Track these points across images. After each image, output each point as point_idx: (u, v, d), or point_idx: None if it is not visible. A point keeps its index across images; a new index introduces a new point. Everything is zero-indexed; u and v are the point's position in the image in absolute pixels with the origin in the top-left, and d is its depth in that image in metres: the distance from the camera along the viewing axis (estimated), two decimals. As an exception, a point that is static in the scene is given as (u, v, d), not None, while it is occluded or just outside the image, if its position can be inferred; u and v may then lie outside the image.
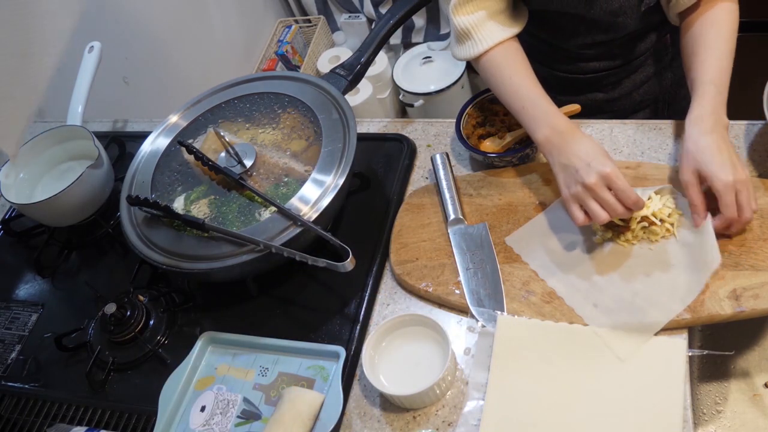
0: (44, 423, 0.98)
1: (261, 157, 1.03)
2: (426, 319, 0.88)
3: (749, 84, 1.05)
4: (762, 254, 0.85)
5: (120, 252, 1.18)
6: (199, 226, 0.94)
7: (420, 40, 2.53)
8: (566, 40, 1.12)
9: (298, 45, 2.54)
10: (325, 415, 0.86)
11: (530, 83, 0.97)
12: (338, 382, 0.87)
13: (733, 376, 0.96)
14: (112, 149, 1.32)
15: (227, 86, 1.15)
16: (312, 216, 0.93)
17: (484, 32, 1.00)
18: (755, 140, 0.99)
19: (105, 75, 1.36)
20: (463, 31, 1.01)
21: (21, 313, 1.13)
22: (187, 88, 1.81)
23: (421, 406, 0.86)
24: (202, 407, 0.92)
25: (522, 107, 0.96)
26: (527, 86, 0.97)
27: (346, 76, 1.10)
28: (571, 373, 0.83)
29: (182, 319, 1.04)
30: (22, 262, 1.22)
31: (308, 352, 0.94)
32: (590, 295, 0.87)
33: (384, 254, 1.01)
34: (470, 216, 1.01)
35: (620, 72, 1.16)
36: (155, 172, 1.06)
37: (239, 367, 0.96)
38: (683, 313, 0.83)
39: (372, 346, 0.88)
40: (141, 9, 1.88)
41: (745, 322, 0.84)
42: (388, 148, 1.16)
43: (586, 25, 1.06)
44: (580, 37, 1.09)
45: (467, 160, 1.11)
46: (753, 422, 0.92)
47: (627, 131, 1.06)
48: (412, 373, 0.86)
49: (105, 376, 0.99)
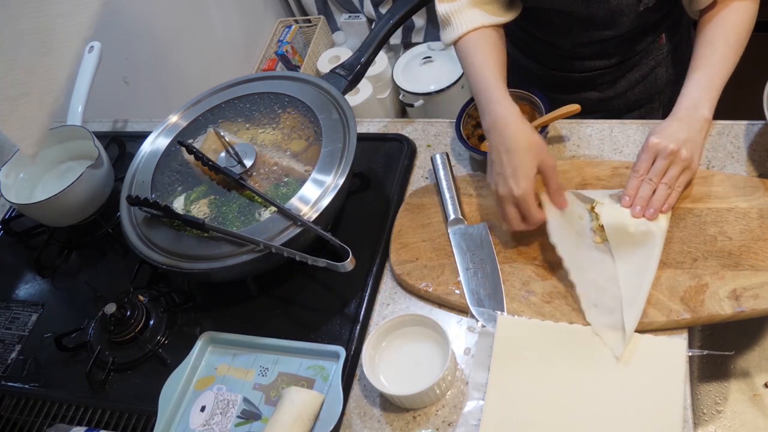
0: (44, 423, 0.98)
1: (261, 157, 1.03)
2: (426, 319, 0.88)
3: (749, 84, 1.05)
4: (762, 254, 0.85)
5: (120, 252, 1.18)
6: (199, 226, 0.94)
7: (420, 40, 2.53)
8: (561, 39, 1.12)
9: (298, 45, 2.54)
10: (326, 415, 0.86)
11: (486, 68, 0.96)
12: (338, 382, 0.87)
13: (733, 376, 0.96)
14: (112, 149, 1.32)
15: (227, 86, 1.15)
16: (312, 216, 0.93)
17: (463, 18, 1.01)
18: (755, 140, 0.99)
19: (105, 75, 1.36)
20: (444, 17, 1.03)
21: (21, 313, 1.13)
22: (187, 88, 1.81)
23: (421, 406, 0.86)
24: (202, 407, 0.92)
25: (476, 92, 0.97)
26: (483, 71, 0.96)
27: (346, 76, 1.10)
28: (571, 373, 0.83)
29: (182, 319, 1.04)
30: (22, 262, 1.22)
31: (308, 352, 0.94)
32: (590, 294, 0.87)
33: (384, 254, 1.01)
34: (470, 216, 1.01)
35: (615, 71, 1.16)
36: (155, 172, 1.06)
37: (239, 367, 0.96)
38: (683, 313, 0.83)
39: (372, 346, 0.88)
40: (141, 9, 1.88)
41: (745, 322, 0.84)
42: (388, 148, 1.16)
43: (581, 24, 1.06)
44: (575, 35, 1.09)
45: (467, 160, 1.11)
46: (753, 422, 0.92)
47: (627, 131, 1.06)
48: (412, 373, 0.86)
49: (105, 376, 0.99)
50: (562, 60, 1.16)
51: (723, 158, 0.99)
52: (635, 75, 1.17)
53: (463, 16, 1.01)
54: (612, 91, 1.19)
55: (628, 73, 1.17)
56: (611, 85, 1.18)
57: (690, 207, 0.93)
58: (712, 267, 0.86)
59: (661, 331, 0.84)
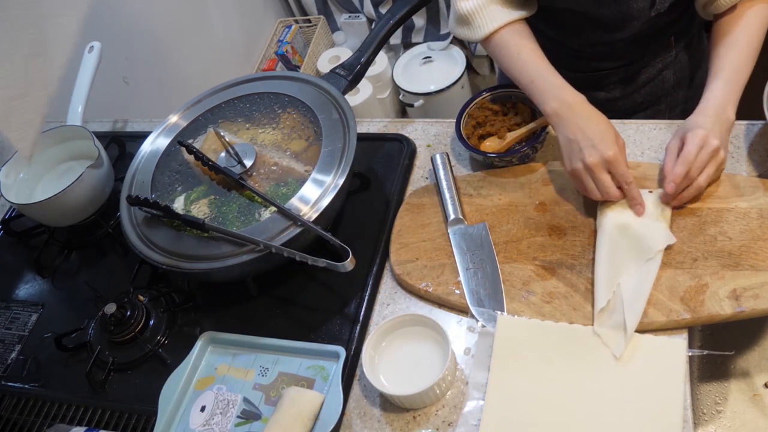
0: (44, 423, 0.98)
1: (261, 157, 1.03)
2: (426, 319, 0.88)
3: (749, 84, 1.04)
4: (762, 254, 0.85)
5: (120, 252, 1.18)
6: (199, 226, 0.94)
7: (420, 40, 2.53)
8: (571, 39, 1.12)
9: (298, 45, 2.54)
10: (326, 415, 0.86)
11: (538, 58, 0.98)
12: (338, 382, 0.87)
13: (733, 376, 0.96)
14: (112, 149, 1.32)
15: (227, 86, 1.15)
16: (312, 216, 0.93)
17: (490, 15, 1.01)
18: (755, 140, 0.99)
19: (105, 75, 1.36)
20: (465, 16, 1.02)
21: (21, 313, 1.13)
22: (187, 88, 1.81)
23: (421, 406, 0.86)
24: (202, 407, 0.92)
25: (531, 81, 0.97)
26: (535, 61, 0.98)
27: (346, 76, 1.10)
28: (572, 373, 0.83)
29: (182, 319, 1.04)
30: (22, 262, 1.22)
31: (308, 352, 0.94)
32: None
33: (384, 254, 1.01)
34: (470, 216, 1.01)
35: (623, 72, 1.16)
36: (155, 172, 1.06)
37: (239, 367, 0.95)
38: (683, 313, 0.83)
39: (372, 346, 0.88)
40: (141, 9, 1.88)
41: (745, 322, 0.84)
42: (388, 148, 1.16)
43: (592, 25, 1.06)
44: (585, 36, 1.09)
45: (467, 160, 1.11)
46: (753, 422, 0.92)
47: (627, 131, 1.06)
48: (412, 373, 0.86)
49: (105, 376, 0.99)
50: (570, 59, 1.16)
51: (723, 158, 0.99)
52: (643, 77, 1.17)
53: (490, 13, 1.01)
54: (619, 91, 1.19)
55: (636, 75, 1.17)
56: (618, 86, 1.18)
57: (690, 207, 0.93)
58: (712, 267, 0.86)
59: (661, 331, 0.84)
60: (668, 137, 1.03)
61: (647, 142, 1.04)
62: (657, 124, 1.06)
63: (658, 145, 1.03)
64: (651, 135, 1.05)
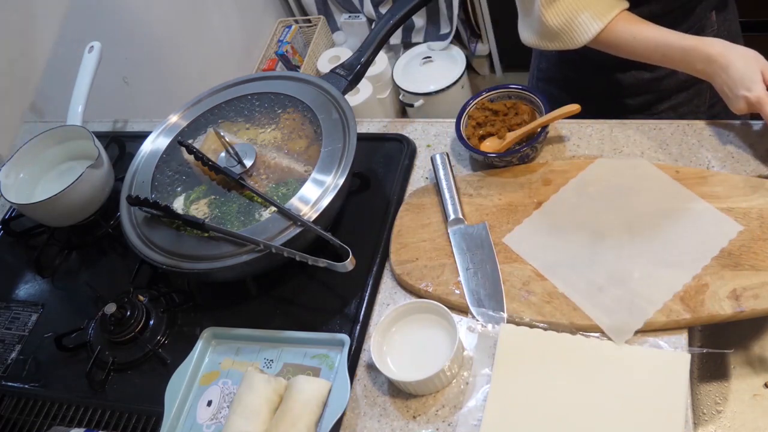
0: (44, 423, 0.98)
1: (261, 157, 1.03)
2: (435, 307, 0.88)
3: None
4: (762, 254, 0.85)
5: (120, 252, 1.17)
6: (199, 226, 0.94)
7: (420, 40, 2.53)
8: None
9: (298, 45, 2.54)
10: (334, 402, 0.86)
11: (667, 31, 0.99)
12: (344, 369, 0.88)
13: (733, 376, 0.96)
14: (112, 149, 1.32)
15: (227, 86, 1.15)
16: (312, 216, 0.93)
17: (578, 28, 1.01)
18: (755, 140, 0.99)
19: (105, 75, 1.36)
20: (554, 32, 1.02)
21: (21, 313, 1.14)
22: (187, 88, 1.81)
23: (428, 393, 0.86)
24: (209, 402, 0.93)
25: (663, 56, 0.99)
26: (666, 34, 0.99)
27: (346, 76, 1.10)
28: (573, 380, 0.83)
29: (182, 319, 1.04)
30: (22, 262, 1.22)
31: (312, 342, 0.94)
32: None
33: (384, 254, 1.01)
34: (470, 216, 1.01)
35: None
36: (155, 172, 1.06)
37: (243, 360, 0.96)
38: (683, 313, 0.83)
39: (381, 332, 0.88)
40: (141, 9, 1.88)
41: (745, 322, 0.84)
42: (388, 148, 1.16)
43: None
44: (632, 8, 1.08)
45: (467, 160, 1.11)
46: (753, 422, 0.92)
47: (627, 131, 1.06)
48: (420, 359, 0.86)
49: (105, 376, 0.99)
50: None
51: (723, 158, 0.99)
52: None
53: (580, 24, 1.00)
54: (663, 70, 1.18)
55: None
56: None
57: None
58: (712, 267, 0.86)
59: (661, 331, 0.84)
60: (668, 137, 1.03)
61: (647, 142, 1.04)
62: (657, 124, 1.06)
63: (657, 145, 1.03)
64: (651, 135, 1.05)
